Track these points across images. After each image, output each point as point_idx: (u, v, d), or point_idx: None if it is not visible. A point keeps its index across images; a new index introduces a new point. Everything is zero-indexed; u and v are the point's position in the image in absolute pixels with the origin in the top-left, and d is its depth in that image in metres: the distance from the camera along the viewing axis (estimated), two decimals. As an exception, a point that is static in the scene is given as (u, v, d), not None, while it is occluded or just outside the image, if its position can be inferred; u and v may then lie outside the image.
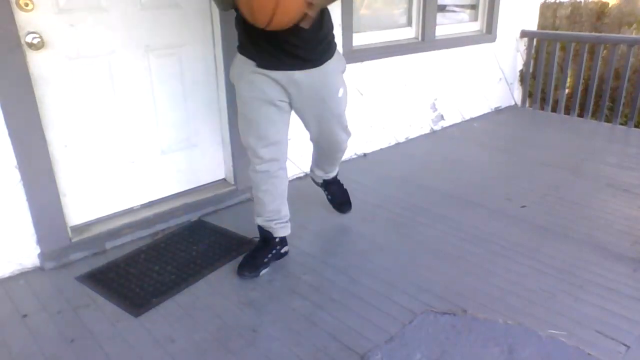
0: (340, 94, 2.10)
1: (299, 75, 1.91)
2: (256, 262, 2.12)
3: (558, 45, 4.41)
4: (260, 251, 2.16)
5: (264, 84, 1.91)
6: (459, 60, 4.01)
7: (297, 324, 1.84)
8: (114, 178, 2.41)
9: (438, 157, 3.54)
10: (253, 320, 1.85)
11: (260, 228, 2.19)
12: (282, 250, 2.22)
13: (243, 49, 1.93)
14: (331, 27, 1.99)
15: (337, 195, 2.63)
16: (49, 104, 2.12)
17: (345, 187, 2.68)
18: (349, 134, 2.28)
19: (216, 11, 2.49)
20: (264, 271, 2.13)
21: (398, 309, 1.90)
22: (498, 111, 4.62)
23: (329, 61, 1.98)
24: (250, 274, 2.09)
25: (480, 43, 4.18)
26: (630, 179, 3.06)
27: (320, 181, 2.60)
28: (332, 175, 2.55)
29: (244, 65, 1.92)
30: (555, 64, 4.39)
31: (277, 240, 2.18)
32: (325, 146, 2.29)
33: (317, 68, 1.94)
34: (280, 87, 1.93)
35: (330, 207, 2.67)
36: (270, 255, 2.15)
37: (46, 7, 2.03)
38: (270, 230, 2.16)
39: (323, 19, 1.89)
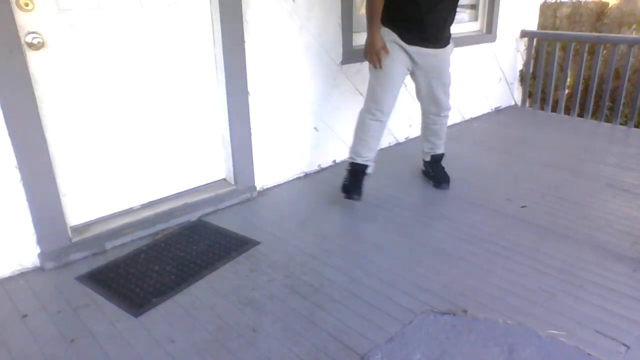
0: (449, 70, 2.70)
1: (429, 51, 2.55)
2: (359, 189, 2.64)
3: (558, 45, 4.41)
4: (358, 181, 2.67)
5: (402, 53, 2.52)
6: (459, 60, 4.00)
7: (297, 324, 1.84)
8: (114, 178, 2.41)
9: (438, 157, 3.53)
10: (253, 320, 1.85)
11: (355, 164, 2.67)
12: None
13: (388, 23, 2.48)
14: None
15: (438, 173, 2.99)
16: (49, 104, 2.12)
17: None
18: (449, 104, 2.80)
19: (216, 11, 2.49)
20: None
21: (398, 309, 1.90)
22: (498, 111, 4.62)
23: (449, 45, 2.64)
24: (359, 198, 2.63)
25: (480, 43, 4.18)
26: (630, 179, 3.06)
27: (428, 159, 2.98)
28: (438, 150, 2.94)
29: (386, 35, 2.49)
30: (556, 64, 4.39)
31: (366, 174, 2.69)
32: (432, 106, 2.76)
33: (443, 49, 2.59)
34: (410, 58, 2.55)
35: (329, 205, 2.69)
36: (362, 185, 2.67)
37: (46, 7, 2.03)
38: (366, 164, 2.67)
39: (456, 5, 2.56)
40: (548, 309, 1.89)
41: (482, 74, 4.32)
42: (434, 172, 3.00)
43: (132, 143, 2.43)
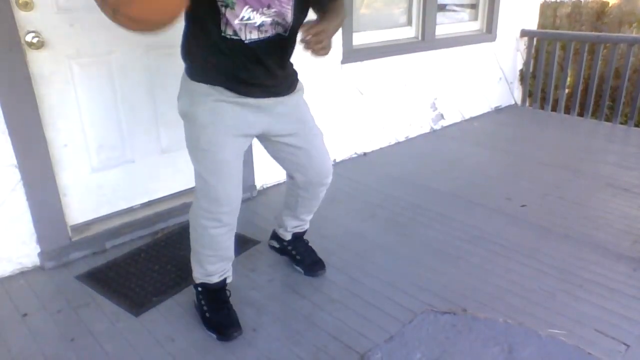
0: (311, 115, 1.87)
1: (275, 101, 1.69)
2: (233, 317, 1.82)
3: (558, 45, 4.41)
4: (223, 305, 1.84)
5: (233, 114, 1.61)
6: (459, 59, 4.01)
7: (297, 324, 1.84)
8: (114, 178, 2.40)
9: (438, 156, 3.53)
10: (253, 320, 1.85)
11: (207, 285, 1.83)
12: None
13: (203, 75, 1.60)
14: None
15: (306, 253, 2.18)
16: (49, 104, 2.11)
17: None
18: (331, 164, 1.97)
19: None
20: None
21: (398, 308, 1.90)
22: (498, 111, 4.62)
23: (299, 89, 1.79)
24: (239, 331, 1.78)
25: (480, 42, 4.18)
26: (630, 178, 3.06)
27: (289, 238, 2.17)
28: (305, 227, 2.16)
29: (203, 96, 1.60)
30: (556, 64, 4.39)
31: (227, 287, 1.89)
32: (314, 176, 1.89)
33: (290, 94, 1.74)
34: (248, 118, 1.65)
35: (328, 205, 2.44)
36: (231, 306, 1.86)
37: (46, 7, 2.02)
38: (226, 277, 1.86)
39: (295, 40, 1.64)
40: (548, 308, 1.89)
41: (482, 73, 4.32)
42: (301, 255, 2.16)
43: (132, 142, 2.42)
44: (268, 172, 2.93)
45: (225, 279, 1.85)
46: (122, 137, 2.38)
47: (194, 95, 1.62)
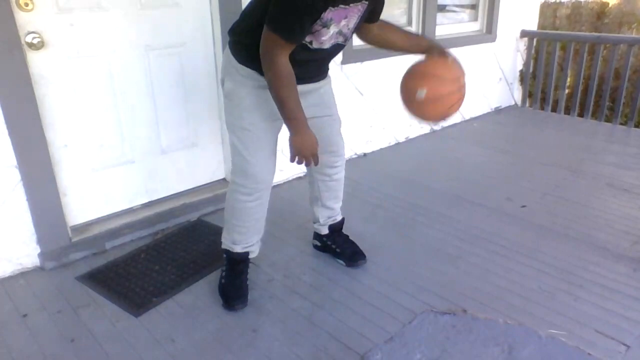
0: (332, 92, 2.01)
1: (309, 87, 1.84)
2: (242, 291, 1.95)
3: (558, 45, 4.41)
4: (239, 277, 1.98)
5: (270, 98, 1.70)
6: (459, 60, 4.01)
7: (297, 324, 1.84)
8: (114, 178, 2.41)
9: (438, 157, 3.53)
10: (253, 320, 1.85)
11: (231, 254, 1.96)
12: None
13: (249, 62, 1.69)
14: None
15: (345, 244, 2.24)
16: (49, 104, 2.12)
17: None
18: (344, 150, 2.11)
19: (216, 11, 2.49)
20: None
21: (398, 308, 1.90)
22: (498, 111, 4.62)
23: (328, 76, 1.97)
24: (243, 304, 1.91)
25: (480, 43, 4.18)
26: (630, 178, 3.06)
27: (326, 231, 2.22)
28: (338, 217, 2.23)
29: (249, 79, 1.72)
30: (555, 64, 4.39)
31: (249, 264, 2.02)
32: (325, 155, 1.97)
33: (324, 80, 1.93)
34: None
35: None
36: (246, 283, 1.99)
37: (46, 7, 2.03)
38: (249, 252, 1.99)
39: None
40: (548, 308, 1.89)
41: (482, 73, 4.32)
42: (341, 247, 2.22)
43: (132, 142, 2.43)
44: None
45: (247, 253, 1.97)
46: (122, 137, 2.38)
47: (238, 76, 1.73)
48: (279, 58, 1.55)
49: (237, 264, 1.98)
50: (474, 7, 4.24)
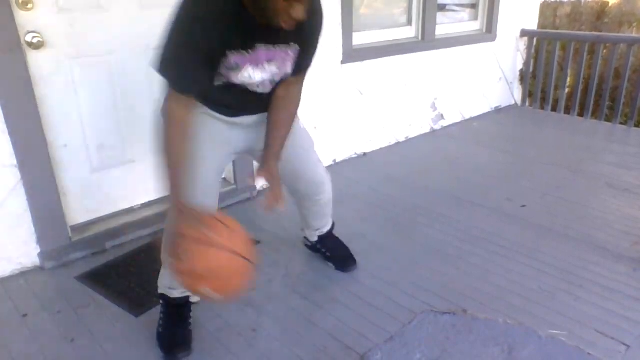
0: (302, 126, 1.83)
1: (261, 116, 1.64)
2: (185, 336, 1.73)
3: (558, 45, 4.41)
4: (180, 322, 1.74)
5: (219, 127, 1.58)
6: (459, 59, 4.01)
7: (297, 324, 1.84)
8: (114, 178, 2.40)
9: (438, 157, 3.53)
10: (253, 320, 1.85)
11: (168, 299, 1.73)
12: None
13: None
14: None
15: (336, 249, 2.18)
16: (49, 104, 2.11)
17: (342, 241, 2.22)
18: (325, 172, 1.95)
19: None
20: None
21: (398, 308, 1.90)
22: (498, 111, 4.62)
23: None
24: (187, 352, 1.69)
25: (480, 42, 4.18)
26: (630, 178, 3.06)
27: (316, 238, 2.16)
28: (326, 229, 2.15)
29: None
30: (556, 64, 4.39)
31: (191, 307, 1.79)
32: (305, 186, 1.90)
33: None
34: (235, 134, 1.64)
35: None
36: (189, 328, 1.76)
37: (46, 7, 2.02)
38: (187, 297, 1.75)
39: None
40: (548, 308, 1.89)
41: (482, 73, 4.32)
42: (331, 251, 2.16)
43: (132, 142, 2.42)
44: (268, 172, 2.93)
45: (187, 297, 1.73)
46: (122, 137, 2.38)
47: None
48: (172, 106, 1.35)
49: (176, 309, 1.74)
50: (474, 6, 4.24)
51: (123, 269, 2.18)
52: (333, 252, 2.17)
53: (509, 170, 3.27)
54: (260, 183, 2.91)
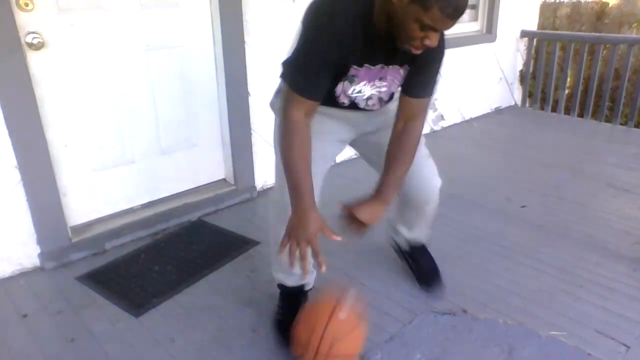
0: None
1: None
2: None
3: (558, 45, 4.41)
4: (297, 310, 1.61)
5: (330, 122, 1.61)
6: (459, 60, 4.01)
7: (297, 324, 1.84)
8: (114, 178, 2.41)
9: (438, 157, 3.50)
10: (253, 320, 1.85)
11: (284, 287, 1.79)
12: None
13: None
14: None
15: (425, 267, 2.06)
16: (49, 104, 2.11)
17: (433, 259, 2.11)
18: (438, 177, 1.94)
19: (216, 11, 2.49)
20: None
21: (398, 308, 1.90)
22: (498, 111, 4.62)
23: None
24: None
25: (480, 43, 4.18)
26: (630, 179, 3.06)
27: (407, 248, 2.06)
28: (418, 239, 2.03)
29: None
30: (555, 64, 4.39)
31: (307, 295, 1.83)
32: (412, 191, 1.89)
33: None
34: (350, 123, 1.67)
35: (328, 209, 2.34)
36: None
37: (46, 7, 2.03)
38: (304, 283, 1.79)
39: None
40: (548, 308, 1.89)
41: (482, 74, 4.32)
42: (418, 267, 2.09)
43: (132, 142, 2.42)
44: (268, 172, 2.93)
45: (302, 286, 1.79)
46: (122, 137, 2.38)
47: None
48: (292, 112, 1.38)
49: (292, 298, 1.79)
50: (474, 7, 4.24)
51: (123, 269, 2.18)
52: (421, 268, 2.05)
53: (509, 170, 3.27)
54: (261, 183, 2.91)
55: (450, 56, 1.82)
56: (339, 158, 3.36)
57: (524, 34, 4.55)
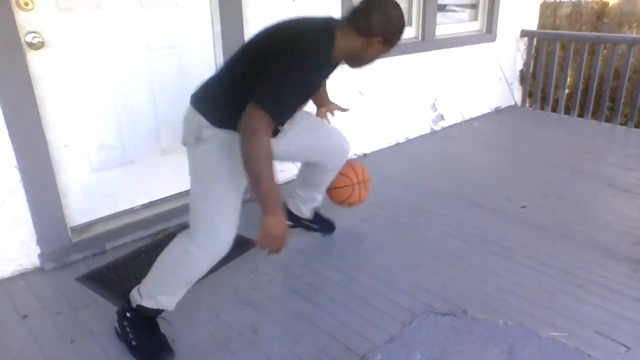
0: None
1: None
2: (164, 343, 1.70)
3: (558, 45, 4.41)
4: (156, 333, 1.72)
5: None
6: (459, 60, 4.01)
7: (297, 324, 1.84)
8: (114, 178, 2.40)
9: (438, 157, 3.53)
10: (253, 320, 1.85)
11: (145, 310, 1.67)
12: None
13: (226, 124, 1.59)
14: None
15: (321, 221, 2.46)
16: (49, 104, 2.11)
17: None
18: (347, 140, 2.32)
19: (216, 11, 2.49)
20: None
21: (398, 309, 1.90)
22: (498, 111, 4.62)
23: None
24: (173, 355, 1.68)
25: (480, 43, 4.18)
26: (630, 179, 3.06)
27: (309, 215, 2.38)
28: (317, 202, 2.36)
29: (225, 142, 1.60)
30: (555, 64, 4.39)
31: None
32: (337, 158, 2.25)
33: None
34: None
35: (328, 205, 2.50)
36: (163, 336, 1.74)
37: (46, 7, 2.02)
38: (167, 309, 1.71)
39: None
40: (548, 309, 1.89)
41: (482, 73, 4.32)
42: (319, 224, 2.46)
43: (132, 142, 2.42)
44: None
45: (162, 311, 1.72)
46: (122, 138, 2.38)
47: (214, 141, 1.61)
48: (264, 137, 1.45)
49: (152, 318, 1.72)
50: (474, 6, 4.24)
51: (123, 269, 2.17)
52: (321, 223, 2.45)
53: (509, 170, 3.27)
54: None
55: (450, 56, 1.84)
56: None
57: (524, 33, 4.55)
